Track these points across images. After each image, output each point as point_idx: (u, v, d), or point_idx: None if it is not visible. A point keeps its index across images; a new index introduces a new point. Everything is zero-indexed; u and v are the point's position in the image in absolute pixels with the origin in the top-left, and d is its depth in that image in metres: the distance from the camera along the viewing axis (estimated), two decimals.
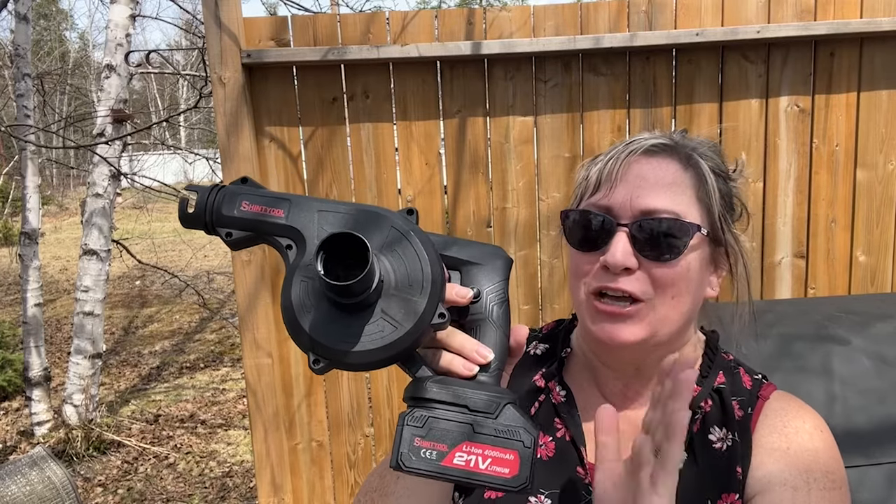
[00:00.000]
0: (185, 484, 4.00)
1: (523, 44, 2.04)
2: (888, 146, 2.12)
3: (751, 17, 2.05)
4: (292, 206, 0.58)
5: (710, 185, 0.80)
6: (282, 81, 2.08)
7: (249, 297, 2.07)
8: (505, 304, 0.62)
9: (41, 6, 22.61)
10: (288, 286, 0.54)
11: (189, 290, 7.30)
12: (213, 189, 0.58)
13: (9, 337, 5.86)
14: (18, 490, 3.29)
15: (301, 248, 0.57)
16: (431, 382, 0.56)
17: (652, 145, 0.80)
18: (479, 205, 2.16)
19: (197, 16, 7.12)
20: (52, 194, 19.09)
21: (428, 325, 0.54)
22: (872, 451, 1.17)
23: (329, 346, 0.52)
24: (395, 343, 0.53)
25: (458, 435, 0.54)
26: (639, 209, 0.76)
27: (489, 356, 0.58)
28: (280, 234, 0.58)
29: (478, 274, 0.61)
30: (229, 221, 0.58)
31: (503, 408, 0.56)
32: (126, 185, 6.44)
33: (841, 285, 2.17)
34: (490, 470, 0.53)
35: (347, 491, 2.25)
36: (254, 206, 0.58)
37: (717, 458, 0.77)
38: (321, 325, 0.53)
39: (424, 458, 0.53)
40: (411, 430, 0.54)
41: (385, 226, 0.56)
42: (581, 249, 0.80)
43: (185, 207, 0.58)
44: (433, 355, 0.58)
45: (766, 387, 0.83)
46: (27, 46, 4.91)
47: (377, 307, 0.53)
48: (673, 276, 0.76)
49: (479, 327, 0.60)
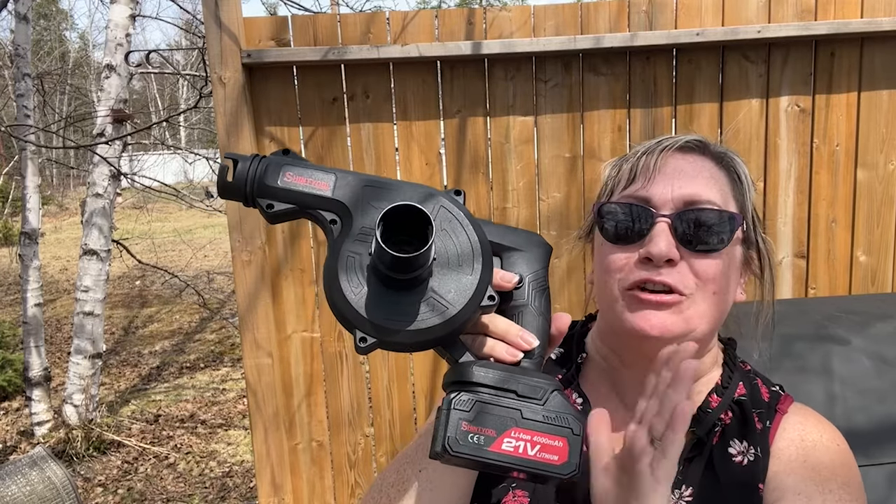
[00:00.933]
0: (185, 484, 4.00)
1: (523, 44, 2.04)
2: (888, 146, 2.12)
3: (751, 17, 2.05)
4: (338, 179, 0.56)
5: (746, 185, 0.79)
6: (282, 81, 2.08)
7: (249, 297, 2.07)
8: (546, 291, 0.61)
9: (41, 6, 22.60)
10: (334, 261, 0.52)
11: (189, 290, 7.30)
12: (256, 158, 0.56)
13: (9, 337, 5.86)
14: (18, 490, 3.29)
15: (346, 223, 0.54)
16: (477, 367, 0.54)
17: (686, 142, 0.79)
18: (480, 205, 2.16)
19: (197, 16, 7.12)
20: (52, 194, 19.09)
21: (478, 307, 0.53)
22: (872, 451, 1.17)
23: (379, 323, 0.51)
24: (444, 324, 0.51)
25: (507, 420, 0.52)
26: (681, 199, 0.74)
27: (534, 342, 0.57)
28: (325, 208, 0.55)
29: (519, 260, 0.60)
30: (273, 192, 0.55)
31: (550, 394, 0.54)
32: (126, 185, 6.44)
33: (841, 285, 2.17)
34: (539, 456, 0.52)
35: (347, 491, 2.25)
36: (298, 177, 0.55)
37: (738, 474, 0.75)
38: (371, 301, 0.51)
39: (472, 442, 0.51)
40: (458, 413, 0.52)
41: (435, 204, 0.54)
42: (617, 243, 0.77)
43: (225, 176, 0.55)
44: (474, 340, 0.57)
45: (784, 399, 0.81)
46: (27, 46, 4.90)
47: (428, 286, 0.52)
48: (715, 270, 0.74)
49: (522, 314, 0.59)
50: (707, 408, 0.78)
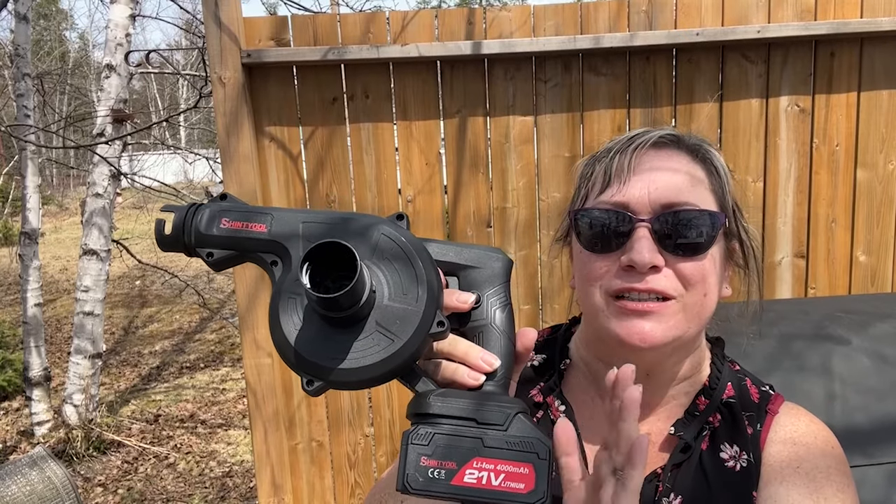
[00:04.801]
0: (185, 484, 4.00)
1: (523, 43, 2.04)
2: (888, 146, 2.12)
3: (751, 16, 2.05)
4: (274, 219, 0.54)
5: (723, 176, 0.76)
6: (282, 81, 2.08)
7: (249, 297, 2.07)
8: (508, 307, 0.58)
9: (41, 6, 22.60)
10: (276, 304, 0.51)
11: (189, 290, 7.30)
12: (191, 208, 0.55)
13: (9, 337, 5.86)
14: (18, 490, 3.29)
15: (287, 264, 0.53)
16: (435, 396, 0.52)
17: (659, 137, 0.76)
18: (479, 204, 2.16)
19: (197, 16, 7.11)
20: (52, 194, 19.08)
21: (427, 335, 0.51)
22: (872, 450, 1.17)
23: (321, 364, 0.49)
24: (392, 357, 0.50)
25: (468, 451, 0.50)
26: (659, 203, 0.71)
27: (495, 363, 0.55)
28: (264, 251, 0.54)
29: (477, 278, 0.58)
30: (210, 241, 0.54)
31: (513, 418, 0.52)
32: (126, 184, 6.44)
33: (841, 285, 2.17)
34: (504, 486, 0.50)
35: (347, 491, 2.25)
36: (234, 222, 0.54)
37: (730, 481, 0.72)
38: (312, 343, 0.49)
39: (433, 477, 0.50)
40: (416, 448, 0.50)
41: (373, 233, 0.53)
42: (595, 251, 0.74)
43: (162, 230, 0.54)
44: (435, 367, 0.55)
45: (774, 399, 0.79)
46: (27, 46, 4.91)
47: (371, 320, 0.50)
48: (700, 272, 0.71)
49: (482, 334, 0.57)
50: (695, 411, 0.76)
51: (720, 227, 0.73)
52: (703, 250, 0.71)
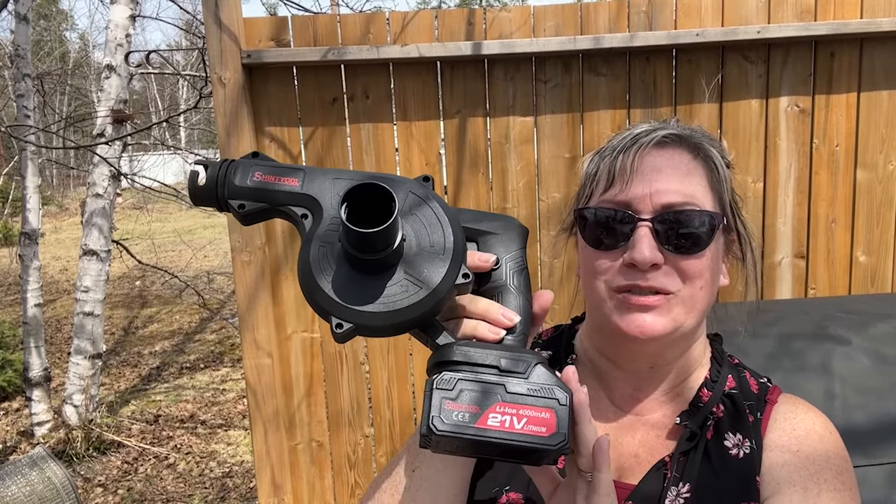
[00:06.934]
0: (185, 484, 4.00)
1: (523, 44, 2.04)
2: (888, 146, 2.12)
3: (751, 17, 2.05)
4: (307, 175, 0.57)
5: (722, 173, 0.79)
6: (282, 82, 2.08)
7: (249, 297, 2.07)
8: (524, 271, 0.61)
9: (41, 6, 22.61)
10: (306, 252, 0.53)
11: (189, 290, 7.30)
12: (225, 162, 0.57)
13: (9, 337, 5.86)
14: (18, 490, 3.29)
15: (317, 217, 0.55)
16: (458, 346, 0.54)
17: (663, 136, 0.79)
18: (480, 204, 2.16)
19: (197, 16, 7.11)
20: (52, 194, 19.09)
21: (452, 286, 0.53)
22: (872, 450, 1.17)
23: (352, 307, 0.51)
24: (420, 303, 0.51)
25: (491, 395, 0.52)
26: (660, 203, 0.74)
27: (515, 319, 0.58)
28: (295, 204, 0.56)
29: (495, 243, 0.61)
30: (243, 192, 0.56)
31: (534, 367, 0.54)
32: (126, 185, 6.44)
33: (841, 285, 2.17)
34: (526, 429, 0.51)
35: (347, 491, 2.25)
36: (268, 176, 0.56)
37: (735, 467, 0.75)
38: (344, 286, 0.51)
39: (457, 420, 0.51)
40: (441, 393, 0.52)
41: (403, 190, 0.55)
42: (599, 248, 0.77)
43: (196, 181, 0.56)
44: (455, 325, 0.57)
45: (773, 390, 0.82)
46: (27, 47, 4.91)
47: (399, 268, 0.52)
48: (700, 268, 0.75)
49: (501, 294, 0.59)
50: (699, 402, 0.80)
51: (719, 225, 0.76)
52: (702, 248, 0.75)
